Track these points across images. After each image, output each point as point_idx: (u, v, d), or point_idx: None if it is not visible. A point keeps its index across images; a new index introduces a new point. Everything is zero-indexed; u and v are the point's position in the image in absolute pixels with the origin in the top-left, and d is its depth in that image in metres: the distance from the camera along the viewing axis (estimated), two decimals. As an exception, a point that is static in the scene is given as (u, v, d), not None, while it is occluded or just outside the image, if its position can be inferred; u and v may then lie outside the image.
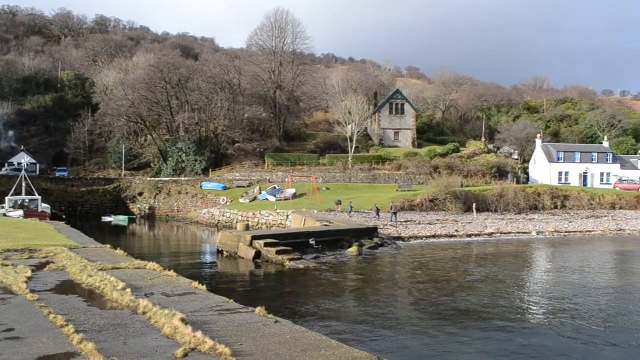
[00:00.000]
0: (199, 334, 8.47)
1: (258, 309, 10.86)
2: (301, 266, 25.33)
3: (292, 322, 10.73)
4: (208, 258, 31.17)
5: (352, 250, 29.94)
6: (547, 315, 17.73)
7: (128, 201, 63.33)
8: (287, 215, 42.44)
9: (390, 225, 40.12)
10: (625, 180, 72.95)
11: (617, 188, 67.02)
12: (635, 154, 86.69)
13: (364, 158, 72.85)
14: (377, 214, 42.63)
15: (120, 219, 55.79)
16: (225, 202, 56.58)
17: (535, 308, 18.92)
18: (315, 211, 43.75)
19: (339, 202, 45.13)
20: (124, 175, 69.42)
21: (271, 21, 79.68)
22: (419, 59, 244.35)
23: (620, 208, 54.77)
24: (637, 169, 78.92)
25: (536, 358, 13.46)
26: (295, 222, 39.47)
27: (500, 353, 13.70)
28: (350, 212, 42.99)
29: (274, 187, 58.74)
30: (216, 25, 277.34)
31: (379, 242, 33.09)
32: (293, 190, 55.52)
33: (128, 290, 11.82)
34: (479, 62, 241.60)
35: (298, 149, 77.68)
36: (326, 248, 29.94)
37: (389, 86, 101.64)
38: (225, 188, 61.57)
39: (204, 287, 13.25)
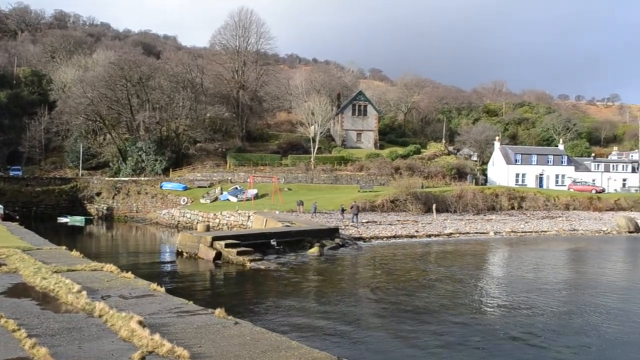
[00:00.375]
0: (157, 336, 8.37)
1: (218, 311, 10.79)
2: (262, 267, 25.26)
3: (253, 323, 10.70)
4: (168, 259, 30.76)
5: (314, 250, 29.99)
6: (503, 313, 18.15)
7: (85, 201, 61.82)
8: (249, 216, 42.23)
9: (352, 226, 40.36)
10: (579, 182, 75.29)
11: (572, 190, 69.05)
12: (589, 157, 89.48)
13: (326, 159, 73.11)
14: (342, 214, 42.82)
15: (77, 220, 54.40)
16: (186, 203, 55.94)
17: (492, 306, 19.34)
18: (277, 212, 43.67)
19: (300, 203, 45.16)
20: (82, 175, 67.80)
21: (235, 20, 79.30)
22: (382, 62, 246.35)
23: (574, 209, 56.39)
24: (590, 171, 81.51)
25: (493, 355, 13.74)
26: (256, 223, 39.32)
27: (458, 350, 13.94)
28: (314, 212, 43.09)
29: (236, 188, 58.37)
30: (179, 23, 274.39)
31: (341, 243, 33.24)
32: (255, 191, 55.27)
33: (84, 293, 11.56)
34: (440, 66, 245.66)
35: (261, 150, 77.42)
36: (288, 249, 29.91)
37: (352, 88, 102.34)
38: (186, 188, 60.86)
39: (162, 289, 13.08)
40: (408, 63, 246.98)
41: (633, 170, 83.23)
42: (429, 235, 40.38)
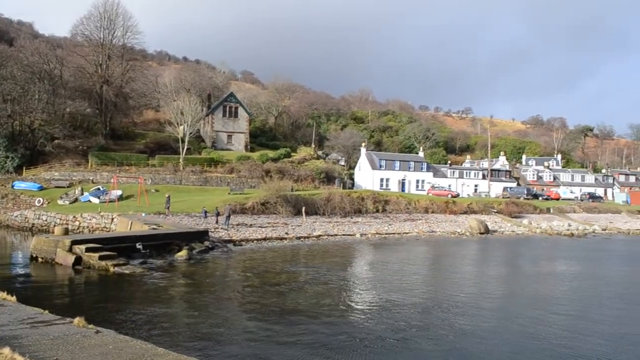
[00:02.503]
0: (6, 350, 7.64)
1: (77, 320, 10.12)
2: (127, 272, 24.08)
3: (116, 331, 10.18)
4: (20, 265, 28.20)
5: (182, 254, 29.19)
6: (368, 312, 18.84)
7: None
8: (113, 219, 40.16)
9: (222, 228, 39.84)
10: (437, 187, 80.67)
11: (430, 194, 73.63)
12: (446, 164, 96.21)
13: (196, 160, 71.54)
14: (217, 216, 42.05)
15: None
16: (42, 204, 51.91)
17: (358, 306, 20.00)
18: (144, 214, 41.94)
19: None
20: None
21: (100, 11, 74.81)
22: (254, 64, 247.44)
23: (433, 212, 60.06)
24: (447, 177, 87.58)
25: (359, 352, 14.20)
26: (121, 226, 37.50)
27: (327, 349, 14.23)
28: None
29: (98, 189, 55.24)
30: (36, 9, 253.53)
31: (210, 246, 32.71)
32: (119, 192, 52.70)
33: None
34: (311, 72, 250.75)
35: (126, 149, 73.88)
36: (154, 252, 28.81)
37: (223, 89, 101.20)
38: (41, 188, 56.49)
39: (14, 298, 12.02)
40: (280, 67, 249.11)
41: (483, 177, 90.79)
42: (299, 238, 41.01)
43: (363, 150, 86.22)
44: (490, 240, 48.30)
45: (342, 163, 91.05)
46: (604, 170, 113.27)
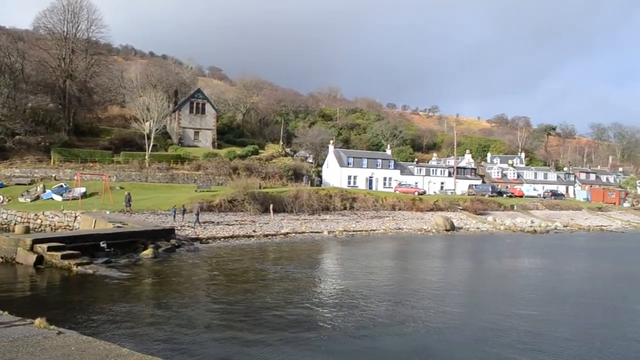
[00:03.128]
0: (-37, 353, 7.45)
1: (38, 321, 9.90)
2: (90, 271, 23.67)
3: (79, 332, 10.00)
4: (-22, 265, 27.44)
5: (147, 252, 28.84)
6: (336, 309, 18.93)
7: None
8: (76, 217, 39.40)
9: (188, 226, 39.48)
10: (404, 184, 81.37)
11: (398, 192, 74.26)
12: (413, 161, 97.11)
13: (162, 157, 70.60)
14: (183, 214, 41.57)
15: None
16: (2, 202, 50.51)
17: (326, 303, 20.08)
18: (108, 212, 41.25)
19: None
20: None
21: (63, 4, 72.85)
22: (222, 60, 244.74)
23: (400, 209, 60.63)
24: (413, 175, 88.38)
25: (327, 349, 14.27)
26: (84, 224, 36.81)
27: (294, 346, 14.26)
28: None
29: (61, 186, 54.01)
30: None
31: (176, 244, 32.39)
32: (83, 190, 51.65)
33: None
34: (280, 69, 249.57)
35: (90, 145, 72.41)
36: (119, 251, 28.36)
37: (190, 85, 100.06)
38: (2, 186, 54.97)
39: (-29, 300, 11.68)
40: (248, 63, 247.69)
41: (449, 175, 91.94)
42: (267, 235, 40.93)
43: (331, 148, 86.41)
44: (456, 237, 49.01)
45: (310, 160, 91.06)
46: (565, 169, 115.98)
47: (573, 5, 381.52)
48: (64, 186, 53.89)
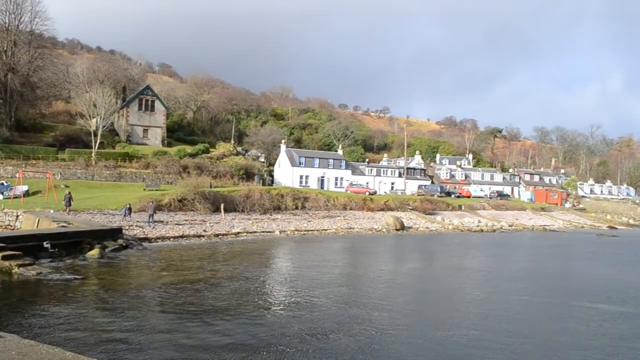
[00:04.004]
0: None
1: (-23, 325, 9.46)
2: (33, 273, 22.78)
3: (21, 336, 9.60)
4: None
5: (94, 253, 28.04)
6: (287, 309, 18.89)
7: None
8: (18, 216, 37.88)
9: (137, 225, 38.63)
10: (355, 184, 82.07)
11: (349, 191, 74.86)
12: (364, 162, 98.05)
13: (109, 155, 68.82)
14: (130, 213, 40.59)
15: None
16: (-64, 200, 48.12)
17: (277, 303, 20.01)
18: (52, 211, 39.90)
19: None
20: None
21: (6, -6, 70.21)
22: (172, 57, 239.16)
23: (351, 209, 61.11)
24: (365, 175, 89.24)
25: (278, 350, 14.21)
26: (27, 224, 35.42)
27: (245, 349, 14.15)
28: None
29: (2, 184, 51.88)
30: None
31: (124, 244, 31.62)
32: (25, 188, 49.79)
33: None
34: (231, 67, 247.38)
35: (33, 142, 69.82)
36: (64, 252, 27.44)
37: (139, 81, 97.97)
38: (-64, 183, 52.43)
39: None
40: (199, 61, 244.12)
41: (400, 175, 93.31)
42: (217, 235, 40.49)
43: (283, 147, 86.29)
44: (405, 237, 49.74)
45: (262, 160, 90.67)
46: (511, 170, 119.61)
47: (522, 10, 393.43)
48: (5, 184, 51.82)
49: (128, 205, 41.12)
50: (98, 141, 67.44)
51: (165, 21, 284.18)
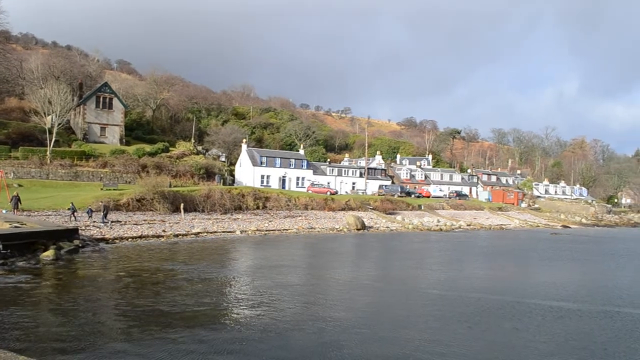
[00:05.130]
0: None
1: None
2: (-16, 274, 22.08)
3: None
4: None
5: (48, 254, 27.27)
6: (247, 311, 18.81)
7: None
8: (-33, 216, 36.59)
9: (94, 226, 37.79)
10: (316, 184, 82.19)
11: (310, 191, 74.91)
12: (325, 162, 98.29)
13: (65, 153, 67.06)
14: (74, 213, 39.52)
15: None
16: None
17: (237, 304, 19.89)
18: (4, 211, 38.63)
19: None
20: None
21: (-47, -13, 67.80)
22: (131, 54, 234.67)
23: (312, 209, 61.21)
24: (326, 175, 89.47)
25: (236, 353, 14.14)
26: (-23, 224, 34.23)
27: (204, 351, 14.02)
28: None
29: (-50, 182, 50.02)
30: None
31: (81, 245, 30.92)
32: (-25, 187, 48.10)
33: None
34: (192, 65, 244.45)
35: (-16, 139, 67.59)
36: (17, 253, 26.62)
37: (96, 78, 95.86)
38: None
39: None
40: (159, 58, 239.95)
41: (361, 175, 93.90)
42: (177, 235, 40.00)
43: (244, 147, 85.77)
44: (366, 236, 50.11)
45: (223, 159, 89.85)
46: (469, 170, 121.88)
47: (484, 13, 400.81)
48: (-46, 183, 49.91)
49: (72, 205, 39.75)
50: (53, 139, 65.67)
51: (124, 16, 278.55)
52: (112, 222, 39.83)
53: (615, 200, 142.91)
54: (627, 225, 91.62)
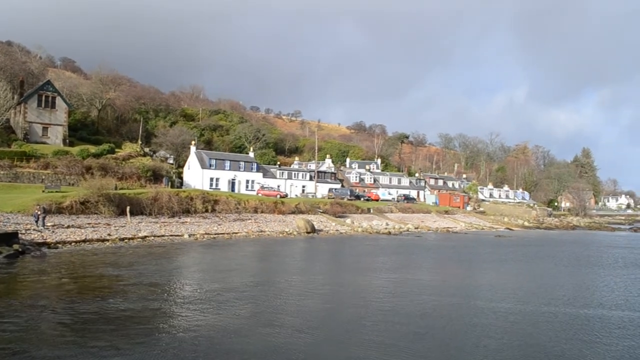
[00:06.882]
0: None
1: None
2: None
3: None
4: None
5: (-15, 259, 26.21)
6: (195, 313, 18.54)
7: None
8: None
9: (35, 230, 36.46)
10: (266, 187, 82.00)
11: (260, 194, 74.65)
12: (275, 165, 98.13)
13: (4, 154, 64.38)
14: (37, 217, 37.97)
15: None
16: None
17: (184, 307, 19.57)
18: (-63, 214, 36.87)
19: None
20: None
21: None
22: (76, 51, 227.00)
23: (262, 212, 60.94)
24: (276, 178, 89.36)
25: (181, 357, 13.94)
26: None
27: (151, 354, 13.76)
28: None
29: None
30: None
31: (21, 250, 29.80)
32: None
33: None
34: (139, 65, 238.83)
35: None
36: (-50, 258, 25.49)
37: (39, 76, 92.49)
38: None
39: None
40: (105, 57, 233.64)
41: (310, 179, 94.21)
42: (123, 239, 39.10)
43: (193, 149, 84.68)
44: (316, 239, 50.27)
45: (171, 161, 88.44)
46: (417, 175, 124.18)
47: (438, 17, 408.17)
48: None
49: (36, 206, 38.50)
50: (-9, 139, 63.06)
51: (67, 12, 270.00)
52: (49, 226, 38.41)
53: (556, 204, 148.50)
54: (567, 228, 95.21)
